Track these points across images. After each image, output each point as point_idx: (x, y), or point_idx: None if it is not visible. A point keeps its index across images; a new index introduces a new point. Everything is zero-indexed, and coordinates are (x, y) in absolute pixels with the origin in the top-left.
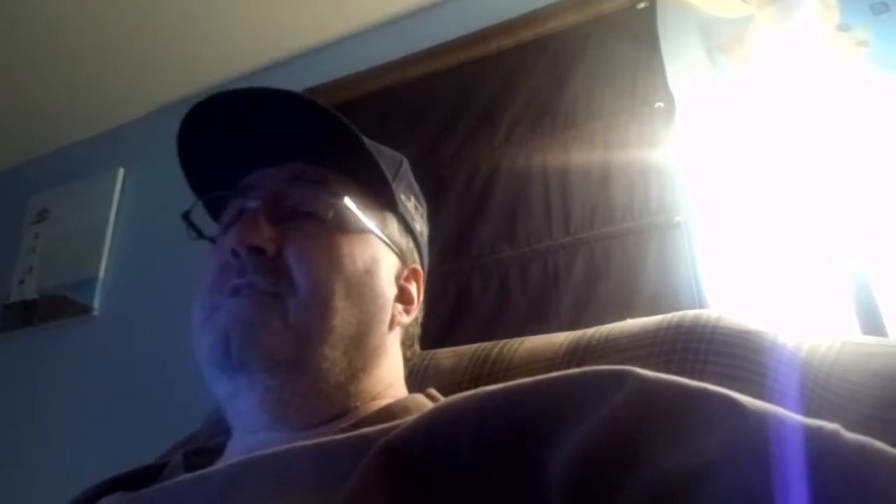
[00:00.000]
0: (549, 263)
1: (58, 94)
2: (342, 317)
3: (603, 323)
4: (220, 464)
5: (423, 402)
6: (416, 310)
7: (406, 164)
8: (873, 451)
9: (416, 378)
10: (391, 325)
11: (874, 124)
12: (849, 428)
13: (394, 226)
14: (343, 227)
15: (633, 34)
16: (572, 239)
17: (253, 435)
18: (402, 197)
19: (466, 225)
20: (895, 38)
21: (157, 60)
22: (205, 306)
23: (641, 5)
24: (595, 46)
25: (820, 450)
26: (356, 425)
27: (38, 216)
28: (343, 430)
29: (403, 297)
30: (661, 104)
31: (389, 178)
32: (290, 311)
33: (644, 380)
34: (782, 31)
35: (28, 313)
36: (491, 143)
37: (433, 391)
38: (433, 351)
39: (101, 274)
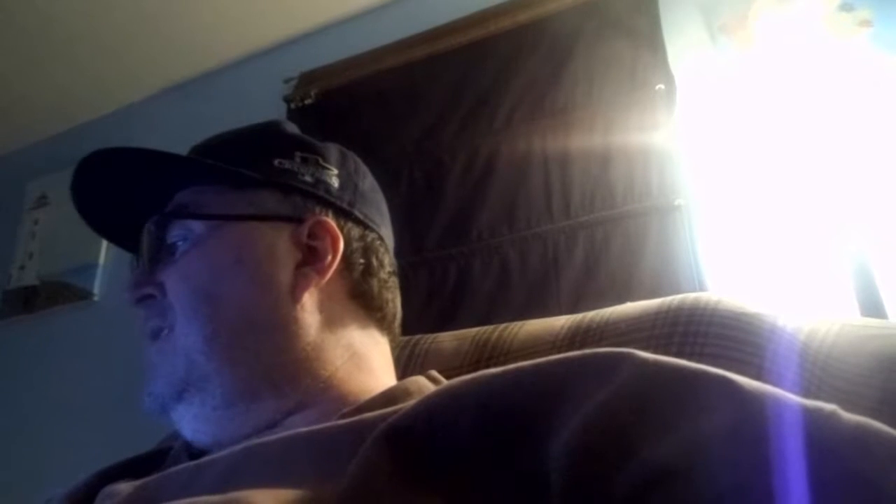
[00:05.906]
0: (550, 247)
1: (55, 79)
2: (217, 319)
3: (603, 306)
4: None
5: (425, 385)
6: (336, 261)
7: (283, 127)
8: (871, 432)
9: (418, 361)
10: (296, 294)
11: (876, 106)
12: (847, 409)
13: (272, 197)
14: (199, 237)
15: (634, 15)
16: (572, 222)
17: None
18: (277, 162)
19: (466, 209)
20: None
21: (155, 44)
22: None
23: None
24: (595, 28)
25: (818, 431)
26: (358, 410)
27: (37, 202)
28: (345, 416)
29: (312, 258)
30: (661, 86)
31: (240, 165)
32: (178, 337)
33: (642, 363)
34: (784, 11)
35: (29, 299)
36: (490, 126)
37: (434, 373)
38: (434, 334)
39: (102, 259)
